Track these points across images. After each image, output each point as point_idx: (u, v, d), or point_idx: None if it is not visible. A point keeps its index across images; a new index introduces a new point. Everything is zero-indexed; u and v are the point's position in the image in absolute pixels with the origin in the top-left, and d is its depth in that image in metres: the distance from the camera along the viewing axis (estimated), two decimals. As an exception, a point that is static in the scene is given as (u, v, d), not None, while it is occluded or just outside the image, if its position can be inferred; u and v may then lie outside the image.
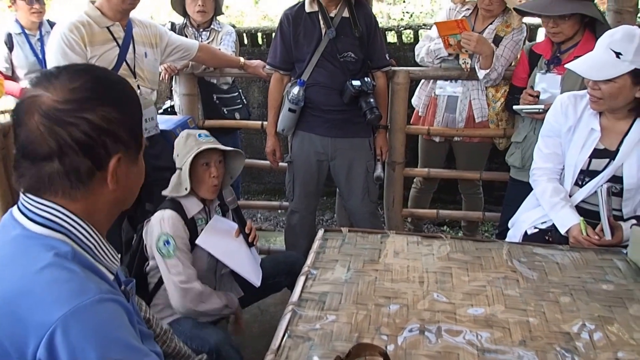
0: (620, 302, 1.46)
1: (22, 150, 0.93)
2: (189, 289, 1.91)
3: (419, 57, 2.93)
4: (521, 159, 2.62)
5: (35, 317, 0.84)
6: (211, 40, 3.24)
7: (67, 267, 0.89)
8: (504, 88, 2.84)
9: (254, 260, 2.13)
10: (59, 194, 0.94)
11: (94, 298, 0.87)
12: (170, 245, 1.92)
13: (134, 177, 1.03)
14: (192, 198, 2.05)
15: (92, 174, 0.94)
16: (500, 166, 3.27)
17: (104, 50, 2.34)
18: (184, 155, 2.00)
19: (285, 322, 1.35)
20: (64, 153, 0.91)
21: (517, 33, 2.79)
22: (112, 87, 0.98)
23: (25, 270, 0.88)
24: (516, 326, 1.35)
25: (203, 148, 1.98)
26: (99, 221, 1.00)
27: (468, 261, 1.67)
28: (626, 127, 1.94)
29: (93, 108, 0.92)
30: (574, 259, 1.70)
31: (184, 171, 1.98)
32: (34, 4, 3.39)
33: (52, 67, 0.98)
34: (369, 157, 2.71)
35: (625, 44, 1.82)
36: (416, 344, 1.28)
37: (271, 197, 4.67)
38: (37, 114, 0.90)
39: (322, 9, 2.55)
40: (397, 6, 6.90)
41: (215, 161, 2.04)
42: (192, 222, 2.03)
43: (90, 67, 1.02)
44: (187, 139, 2.04)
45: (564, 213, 1.98)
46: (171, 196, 2.03)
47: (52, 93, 0.91)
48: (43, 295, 0.86)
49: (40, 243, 0.92)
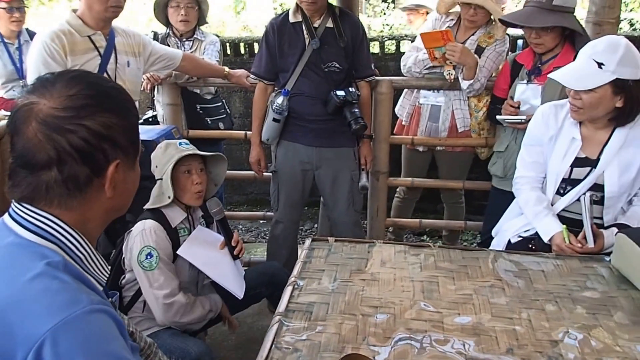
0: (604, 309, 1.48)
1: (20, 160, 0.92)
2: (172, 303, 1.89)
3: (406, 67, 2.95)
4: (503, 168, 2.65)
5: (23, 329, 0.82)
6: (194, 50, 3.22)
7: (58, 277, 0.87)
8: (486, 98, 2.87)
9: (238, 272, 2.11)
10: (54, 203, 0.93)
11: (84, 309, 0.84)
12: (153, 257, 1.89)
13: (130, 183, 1.03)
14: (175, 207, 2.02)
15: (90, 181, 0.94)
16: (481, 176, 3.31)
17: (85, 59, 2.31)
18: (164, 164, 1.97)
19: (272, 333, 1.34)
20: (63, 161, 0.90)
21: (500, 45, 2.83)
22: (109, 93, 0.97)
23: (15, 279, 0.86)
24: (503, 334, 1.35)
25: (184, 154, 1.96)
26: (91, 230, 0.99)
27: (454, 270, 1.68)
28: (606, 136, 1.98)
29: (92, 115, 0.91)
30: (558, 267, 1.72)
31: (165, 180, 1.95)
32: (14, 12, 3.35)
33: (47, 74, 0.97)
34: (354, 166, 2.71)
35: (607, 54, 1.85)
36: (404, 353, 1.27)
37: (253, 208, 4.65)
38: (35, 122, 0.89)
39: (305, 19, 2.56)
40: (377, 18, 6.98)
41: (196, 168, 2.02)
42: (174, 232, 2.00)
43: (85, 73, 1.02)
44: (167, 149, 2.01)
45: (547, 221, 2.01)
46: (153, 207, 1.99)
47: (49, 100, 0.90)
48: (33, 305, 0.83)
49: (32, 251, 0.90)
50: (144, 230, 1.92)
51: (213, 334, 2.54)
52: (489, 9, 2.75)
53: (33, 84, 0.95)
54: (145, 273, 1.89)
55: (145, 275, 1.89)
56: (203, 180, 2.04)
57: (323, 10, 2.57)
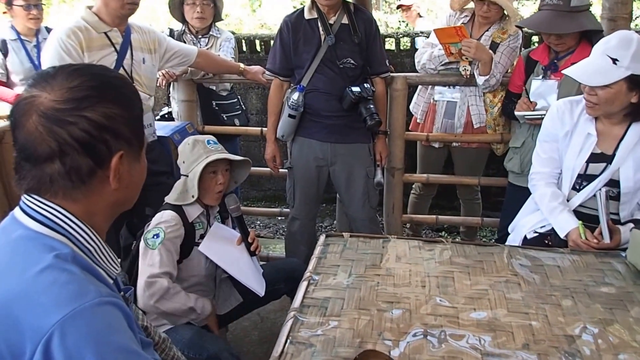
0: (621, 304, 1.47)
1: (22, 153, 0.92)
2: (152, 282, 1.87)
3: (420, 64, 2.94)
4: (520, 164, 2.64)
5: (32, 321, 0.82)
6: (210, 47, 3.25)
7: (67, 269, 0.87)
8: (501, 93, 2.86)
9: (256, 269, 2.12)
10: (59, 195, 0.93)
11: (93, 301, 0.84)
12: (159, 238, 1.91)
13: (136, 175, 1.02)
14: (194, 203, 2.03)
15: (94, 172, 0.93)
16: (497, 172, 3.30)
17: (101, 55, 2.33)
18: (192, 162, 1.99)
19: (287, 328, 1.35)
20: (65, 153, 0.90)
21: (513, 40, 2.81)
22: (111, 83, 0.96)
23: (24, 272, 0.86)
24: (519, 330, 1.35)
25: (214, 158, 1.97)
26: (99, 223, 0.99)
27: (470, 265, 1.68)
28: (622, 132, 1.96)
29: (93, 106, 0.91)
30: (574, 262, 1.72)
31: (192, 179, 1.97)
32: (31, 9, 3.36)
33: (48, 68, 0.97)
34: (369, 162, 2.72)
35: (621, 50, 1.84)
36: (420, 348, 1.28)
37: (271, 204, 4.67)
38: (36, 115, 0.89)
39: (321, 15, 2.56)
40: (394, 15, 6.95)
41: (222, 169, 2.04)
42: (190, 226, 2.02)
43: (87, 65, 1.01)
44: (195, 146, 2.02)
45: (563, 217, 2.00)
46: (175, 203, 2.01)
47: (50, 93, 0.90)
48: (41, 298, 0.83)
49: (41, 243, 0.90)
50: (162, 218, 1.96)
51: (235, 330, 2.56)
52: (502, 4, 2.73)
53: (34, 77, 0.94)
54: (146, 250, 1.91)
55: (144, 253, 1.91)
56: (226, 180, 2.06)
57: (338, 7, 2.57)
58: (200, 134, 2.94)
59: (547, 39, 2.46)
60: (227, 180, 2.08)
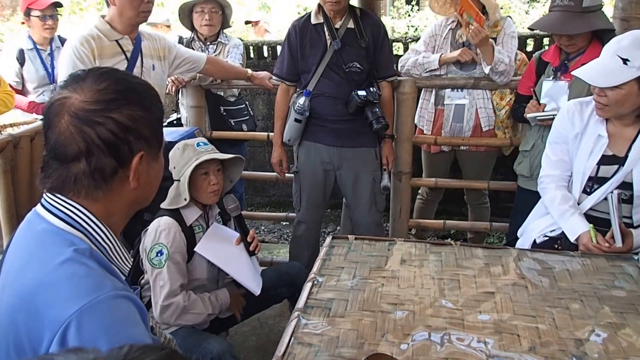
0: (632, 308, 1.44)
1: (53, 152, 0.96)
2: (168, 305, 1.89)
3: (404, 69, 2.92)
4: (529, 168, 2.60)
5: (51, 312, 0.85)
6: (218, 53, 3.27)
7: (85, 263, 0.91)
8: (509, 97, 2.84)
9: (254, 268, 2.10)
10: (82, 194, 0.97)
11: (109, 294, 0.87)
12: (163, 255, 1.90)
13: (154, 174, 1.06)
14: (191, 206, 2.02)
15: (115, 172, 0.97)
16: (507, 177, 3.26)
17: (112, 63, 2.37)
18: (182, 166, 1.97)
19: (291, 328, 1.34)
20: (91, 153, 0.94)
21: (508, 26, 2.84)
22: (135, 87, 1.01)
23: (45, 264, 0.90)
24: (525, 332, 1.32)
25: (203, 159, 1.96)
26: (116, 222, 1.02)
27: (476, 268, 1.66)
28: (634, 133, 1.92)
29: (119, 108, 0.95)
30: (584, 266, 1.68)
31: (183, 183, 1.96)
32: (47, 20, 3.45)
33: (79, 71, 1.02)
34: (376, 167, 2.70)
35: (633, 50, 1.81)
36: (424, 350, 1.26)
37: (276, 210, 4.66)
38: (67, 115, 0.94)
39: (327, 20, 2.57)
40: (401, 20, 6.95)
41: (214, 169, 2.02)
42: (189, 230, 2.01)
43: (113, 70, 1.06)
44: (185, 150, 2.00)
45: (573, 221, 1.96)
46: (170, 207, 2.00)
47: (81, 94, 0.95)
48: (60, 289, 0.87)
49: (62, 238, 0.94)
50: (158, 228, 1.93)
51: (234, 335, 2.55)
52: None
53: (65, 80, 0.99)
54: (153, 270, 1.91)
55: (152, 272, 1.91)
56: (220, 180, 2.04)
57: (345, 11, 2.58)
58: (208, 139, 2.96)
59: (559, 40, 2.44)
60: (222, 180, 2.06)
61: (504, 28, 2.83)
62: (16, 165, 2.44)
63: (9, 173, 2.38)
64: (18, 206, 2.43)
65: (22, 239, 0.99)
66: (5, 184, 2.37)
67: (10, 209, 2.41)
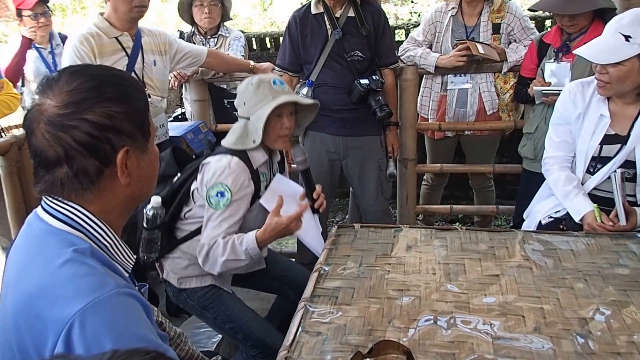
0: (636, 285, 1.45)
1: (36, 159, 0.95)
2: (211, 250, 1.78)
3: (405, 56, 2.89)
4: (533, 150, 2.60)
5: (54, 313, 0.84)
6: (219, 46, 3.28)
7: (86, 263, 0.90)
8: (512, 80, 2.83)
9: (317, 228, 1.98)
10: (72, 197, 0.96)
11: (111, 292, 0.87)
12: (224, 198, 1.77)
13: (147, 167, 1.02)
14: (259, 149, 1.88)
15: (101, 172, 0.95)
16: (512, 159, 3.25)
17: (113, 60, 2.38)
18: (256, 103, 1.82)
19: (298, 317, 1.36)
20: (71, 157, 0.92)
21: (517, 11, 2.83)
22: (109, 82, 0.97)
23: (46, 266, 0.90)
24: (530, 313, 1.34)
25: (282, 101, 1.80)
26: (114, 220, 1.01)
27: (481, 251, 1.67)
28: (636, 112, 1.92)
29: (92, 107, 0.92)
30: (588, 245, 1.69)
31: (254, 122, 1.81)
32: (39, 18, 3.45)
33: (53, 73, 0.99)
34: (381, 154, 2.71)
35: (634, 27, 1.81)
36: (430, 334, 1.28)
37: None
38: (42, 122, 0.92)
39: (327, 9, 2.57)
40: (404, 7, 6.90)
41: (287, 112, 1.87)
42: (256, 174, 1.88)
43: (85, 66, 1.03)
44: (259, 87, 1.83)
45: (578, 201, 1.97)
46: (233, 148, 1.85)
47: (52, 99, 0.92)
48: (62, 290, 0.86)
49: (61, 238, 0.93)
50: (227, 168, 1.80)
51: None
52: None
53: (41, 83, 0.96)
54: (209, 209, 1.80)
55: (208, 211, 1.81)
56: (292, 124, 1.91)
57: (345, 0, 2.57)
58: (213, 132, 2.98)
59: (560, 20, 2.43)
60: (293, 125, 1.92)
61: (515, 14, 2.81)
62: (23, 167, 2.45)
63: (15, 175, 2.35)
64: (29, 207, 2.44)
65: (23, 242, 0.99)
66: (11, 186, 2.33)
67: (20, 210, 2.40)
